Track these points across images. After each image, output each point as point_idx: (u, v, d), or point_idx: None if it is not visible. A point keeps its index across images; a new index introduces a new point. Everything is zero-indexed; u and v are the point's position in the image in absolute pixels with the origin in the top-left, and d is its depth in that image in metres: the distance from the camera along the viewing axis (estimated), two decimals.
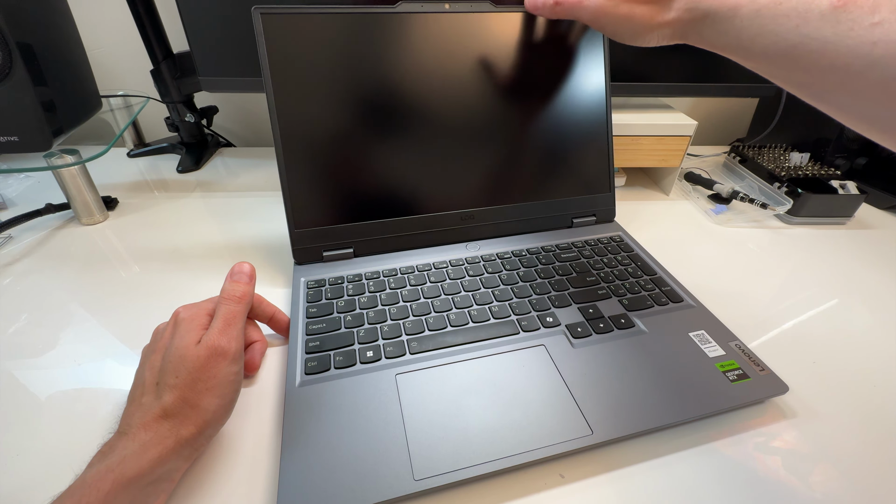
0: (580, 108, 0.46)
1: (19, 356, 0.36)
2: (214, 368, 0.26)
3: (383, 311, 0.37)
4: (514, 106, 0.45)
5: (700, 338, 0.35)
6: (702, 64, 0.59)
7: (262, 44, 0.38)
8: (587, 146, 0.48)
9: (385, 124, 0.42)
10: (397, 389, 0.31)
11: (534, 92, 0.45)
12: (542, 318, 0.37)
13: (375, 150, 0.42)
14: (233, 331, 0.28)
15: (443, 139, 0.43)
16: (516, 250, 0.45)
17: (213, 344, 0.26)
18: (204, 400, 0.25)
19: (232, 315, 0.28)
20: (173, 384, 0.25)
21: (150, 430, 0.24)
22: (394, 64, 0.41)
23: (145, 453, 0.23)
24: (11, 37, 0.42)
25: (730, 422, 0.31)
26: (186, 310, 0.30)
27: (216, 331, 0.27)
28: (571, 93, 0.46)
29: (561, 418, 0.29)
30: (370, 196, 0.43)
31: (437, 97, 0.42)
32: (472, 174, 0.45)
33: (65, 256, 0.47)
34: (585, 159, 0.48)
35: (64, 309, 0.40)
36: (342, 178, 0.42)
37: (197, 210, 0.57)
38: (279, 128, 0.39)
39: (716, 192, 0.60)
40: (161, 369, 0.26)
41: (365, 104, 0.41)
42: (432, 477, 0.26)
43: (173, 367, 0.25)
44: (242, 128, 0.82)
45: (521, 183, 0.46)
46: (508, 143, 0.45)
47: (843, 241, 0.53)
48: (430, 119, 0.43)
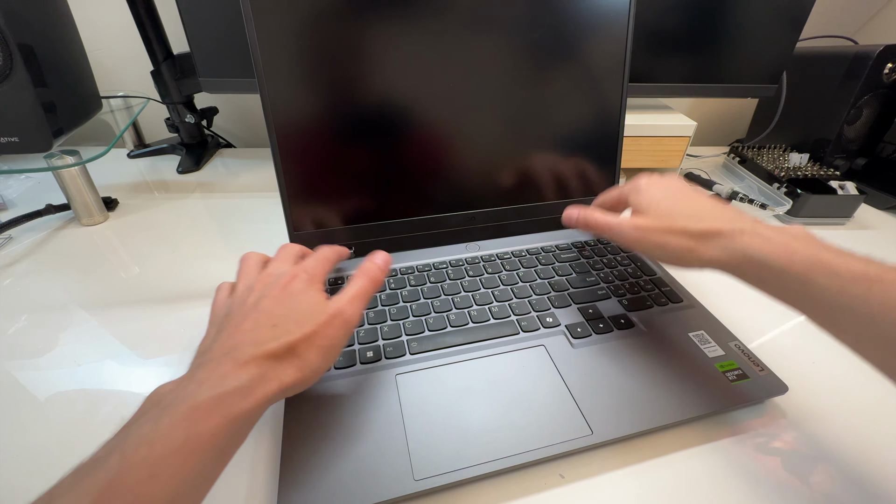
0: (593, 111, 0.46)
1: (19, 357, 0.36)
2: (334, 331, 0.25)
3: (383, 312, 0.37)
4: (519, 104, 0.44)
5: (700, 338, 0.35)
6: (701, 65, 0.59)
7: (252, 29, 0.35)
8: (595, 148, 0.47)
9: (385, 124, 0.42)
10: (397, 390, 0.31)
11: (542, 91, 0.44)
12: (541, 319, 0.37)
13: (376, 150, 0.42)
14: (361, 304, 0.27)
15: (444, 139, 0.43)
16: (516, 251, 0.45)
17: (342, 308, 0.26)
18: (312, 355, 0.24)
19: (364, 291, 0.28)
20: (294, 331, 0.24)
21: (260, 367, 0.22)
22: (393, 64, 0.41)
23: (253, 391, 0.22)
24: (12, 38, 0.42)
25: (729, 422, 0.31)
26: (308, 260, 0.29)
27: (348, 297, 0.27)
28: (584, 95, 0.45)
29: (561, 418, 0.29)
30: (370, 197, 0.43)
31: (439, 96, 0.42)
32: (473, 174, 0.45)
33: (65, 257, 0.47)
34: (591, 161, 0.47)
35: (64, 310, 0.40)
36: (342, 178, 0.42)
37: (197, 211, 0.57)
38: (274, 123, 0.39)
39: (715, 192, 0.60)
40: (283, 315, 0.25)
41: (364, 99, 0.41)
42: (432, 477, 0.26)
43: (300, 316, 0.25)
44: (242, 129, 0.82)
45: (521, 184, 0.46)
46: (510, 143, 0.45)
47: (842, 241, 0.52)
48: (431, 118, 0.43)
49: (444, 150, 0.44)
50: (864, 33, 0.80)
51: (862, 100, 0.61)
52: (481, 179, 0.45)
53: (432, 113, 0.42)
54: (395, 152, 0.43)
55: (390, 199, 0.43)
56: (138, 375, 0.34)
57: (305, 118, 0.40)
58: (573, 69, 0.44)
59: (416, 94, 0.42)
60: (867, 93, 0.60)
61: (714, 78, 0.60)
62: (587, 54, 0.44)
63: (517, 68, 0.43)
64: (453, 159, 0.44)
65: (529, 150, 0.46)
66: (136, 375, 0.34)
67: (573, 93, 0.45)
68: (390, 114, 0.42)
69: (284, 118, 0.39)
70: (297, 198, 0.41)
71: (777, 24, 0.57)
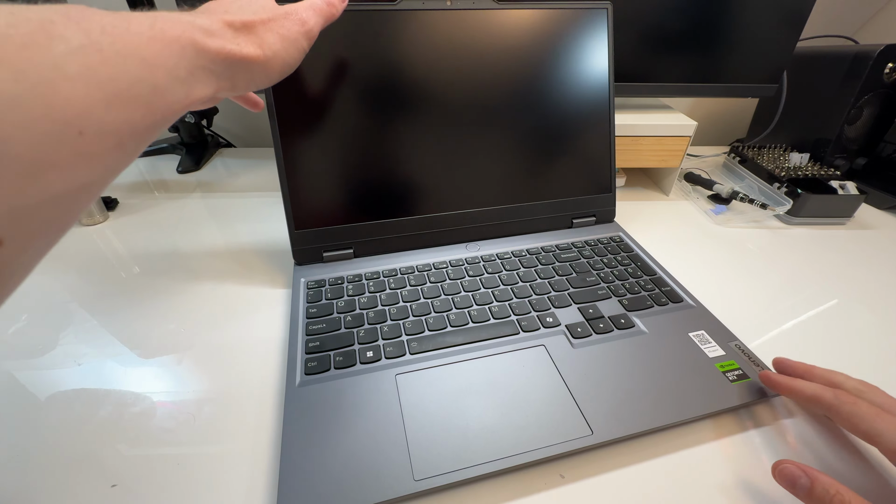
0: (583, 108, 0.46)
1: (19, 356, 0.36)
2: (290, 23, 0.27)
3: (383, 312, 0.37)
4: (515, 105, 0.45)
5: (700, 338, 0.35)
6: (701, 65, 0.59)
7: None
8: (589, 146, 0.48)
9: (385, 124, 0.42)
10: (397, 389, 0.31)
11: (535, 91, 0.45)
12: (542, 319, 0.37)
13: (376, 150, 0.42)
14: (315, 13, 0.29)
15: (443, 139, 0.43)
16: (516, 250, 0.45)
17: (297, 8, 0.28)
18: (270, 37, 0.25)
19: (321, 7, 0.30)
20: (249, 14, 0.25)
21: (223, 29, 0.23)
22: (394, 63, 0.41)
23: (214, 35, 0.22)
24: None
25: (729, 422, 0.31)
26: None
27: (306, 6, 0.29)
28: (574, 93, 0.46)
29: (561, 418, 0.29)
30: (370, 196, 0.43)
31: (437, 97, 0.42)
32: (472, 174, 0.45)
33: (65, 257, 0.47)
34: (587, 159, 0.48)
35: (64, 309, 0.40)
36: (342, 178, 0.42)
37: (197, 210, 0.57)
38: (278, 127, 0.39)
39: (715, 192, 0.60)
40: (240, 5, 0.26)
41: (365, 104, 0.41)
42: (432, 477, 0.26)
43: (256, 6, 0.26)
44: (242, 128, 0.82)
45: (521, 183, 0.46)
46: (509, 142, 0.45)
47: (842, 241, 0.53)
48: (431, 119, 0.43)
49: (444, 149, 0.44)
50: (864, 33, 0.80)
51: (862, 99, 0.61)
52: (479, 179, 0.45)
53: (431, 114, 0.43)
54: (396, 152, 0.43)
55: (391, 198, 0.43)
56: (138, 375, 0.34)
57: (309, 116, 0.40)
58: (561, 73, 0.45)
59: (415, 95, 0.42)
60: (867, 92, 0.60)
61: (714, 78, 0.60)
62: (573, 59, 0.45)
63: (512, 74, 0.43)
64: (454, 160, 0.44)
65: (524, 150, 0.46)
66: (136, 375, 0.34)
67: (564, 95, 0.46)
68: (390, 114, 0.42)
69: (288, 116, 0.39)
70: (299, 195, 0.41)
71: (777, 24, 0.57)
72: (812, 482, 0.24)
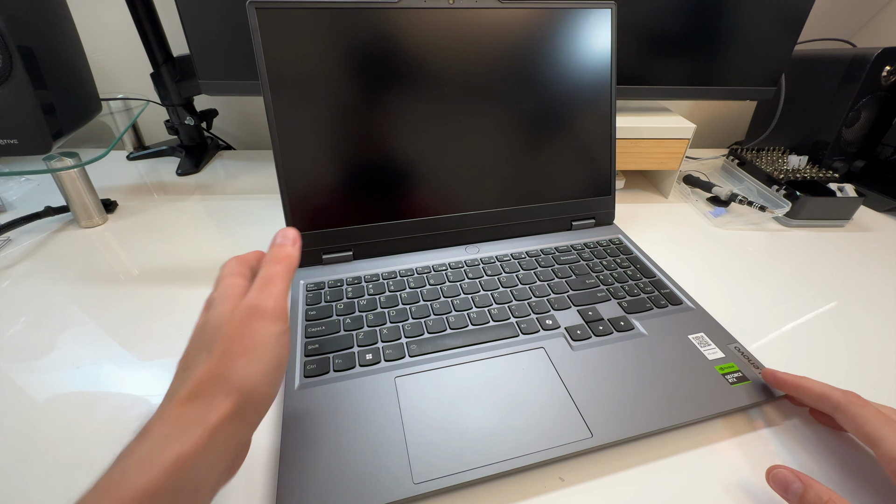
0: (584, 110, 0.46)
1: (18, 359, 0.36)
2: (249, 329, 0.22)
3: (382, 314, 0.37)
4: (516, 106, 0.45)
5: (699, 340, 0.35)
6: (700, 68, 0.60)
7: (258, 40, 0.37)
8: (589, 148, 0.48)
9: (385, 126, 0.42)
10: (396, 392, 0.31)
11: (536, 92, 0.45)
12: (541, 321, 0.37)
13: (375, 153, 0.42)
14: (272, 290, 0.24)
15: (443, 139, 0.43)
16: (515, 253, 0.45)
17: (248, 304, 0.23)
18: (237, 367, 0.21)
19: (270, 275, 0.25)
20: (205, 359, 0.21)
21: (169, 422, 0.19)
22: (394, 64, 0.41)
23: (159, 455, 0.18)
24: (12, 40, 0.42)
25: (729, 424, 0.31)
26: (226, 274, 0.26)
27: (254, 291, 0.24)
28: (576, 94, 0.46)
29: (560, 421, 0.29)
30: (370, 198, 0.43)
31: (438, 98, 0.42)
32: (471, 176, 0.45)
33: (64, 259, 0.47)
34: (587, 161, 0.48)
35: (63, 312, 0.40)
36: (342, 180, 0.42)
37: (196, 213, 0.57)
38: (277, 130, 0.39)
39: (714, 194, 0.60)
40: (195, 349, 0.22)
41: (364, 105, 0.41)
42: (432, 480, 0.25)
43: (208, 342, 0.22)
44: (242, 131, 0.83)
45: (521, 185, 0.46)
46: (509, 144, 0.45)
47: (841, 243, 0.53)
48: (431, 120, 0.43)
49: (445, 150, 0.44)
50: (861, 36, 0.80)
51: (860, 102, 0.61)
52: (478, 181, 0.45)
53: (431, 115, 0.43)
54: (395, 154, 0.43)
55: (391, 200, 0.43)
56: (137, 377, 0.34)
57: (307, 118, 0.40)
58: (563, 75, 0.45)
59: (415, 96, 0.42)
60: (865, 95, 0.61)
61: (713, 80, 0.60)
62: (575, 60, 0.45)
63: (513, 75, 0.44)
64: (453, 160, 0.44)
65: (524, 153, 0.46)
66: (135, 377, 0.34)
67: (565, 97, 0.46)
68: (390, 115, 0.42)
69: (286, 119, 0.39)
70: (298, 197, 0.41)
71: (775, 27, 0.57)
72: (805, 488, 0.25)
